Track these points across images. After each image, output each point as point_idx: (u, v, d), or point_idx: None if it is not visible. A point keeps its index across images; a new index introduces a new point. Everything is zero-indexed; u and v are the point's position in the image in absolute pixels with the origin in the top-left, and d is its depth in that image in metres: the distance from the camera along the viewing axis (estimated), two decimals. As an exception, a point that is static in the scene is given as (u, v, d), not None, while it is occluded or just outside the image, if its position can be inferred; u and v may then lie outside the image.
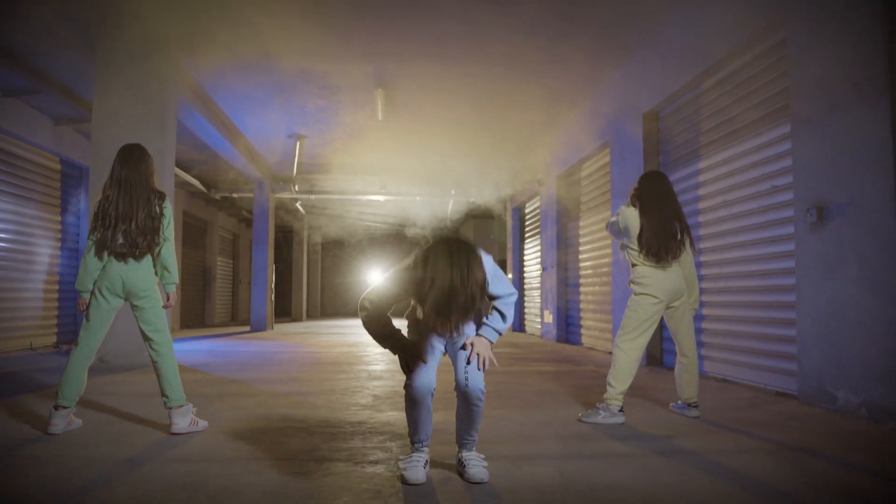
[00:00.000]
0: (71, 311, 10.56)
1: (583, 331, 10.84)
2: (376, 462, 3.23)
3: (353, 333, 14.75)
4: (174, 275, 4.11)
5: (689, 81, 6.88)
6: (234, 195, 16.02)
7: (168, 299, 4.18)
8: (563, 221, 11.73)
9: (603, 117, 9.27)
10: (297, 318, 22.35)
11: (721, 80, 6.55)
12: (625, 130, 8.46)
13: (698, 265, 6.92)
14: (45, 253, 9.90)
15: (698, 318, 6.90)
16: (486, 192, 14.89)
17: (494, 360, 2.93)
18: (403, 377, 6.55)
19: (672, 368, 7.33)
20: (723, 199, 6.52)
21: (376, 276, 5.64)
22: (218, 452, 3.40)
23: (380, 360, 8.23)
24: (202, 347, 10.36)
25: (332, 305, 28.45)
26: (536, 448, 3.54)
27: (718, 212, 6.61)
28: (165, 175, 7.79)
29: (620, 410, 4.25)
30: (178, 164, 13.08)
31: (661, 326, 7.72)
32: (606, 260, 9.57)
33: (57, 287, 10.23)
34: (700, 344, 6.88)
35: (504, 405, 4.93)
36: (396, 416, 4.46)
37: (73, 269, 10.55)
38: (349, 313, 27.21)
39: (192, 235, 17.08)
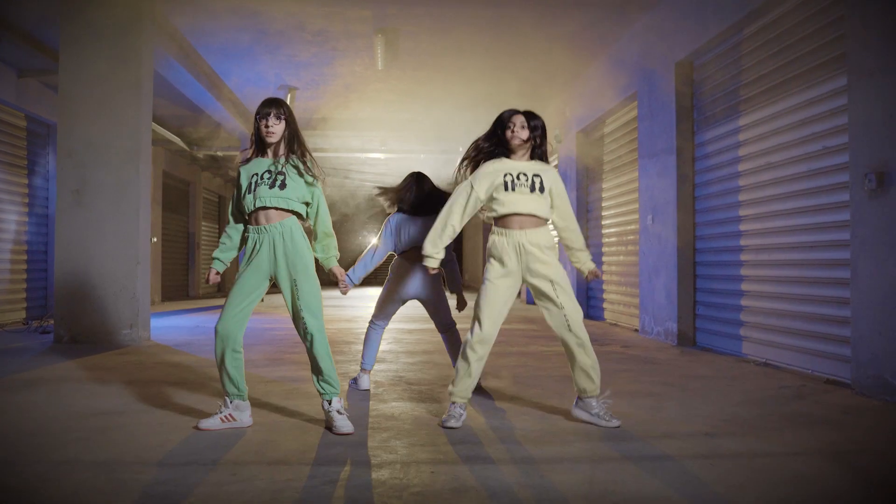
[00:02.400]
0: (42, 284, 10.46)
1: (605, 305, 10.71)
2: (380, 466, 3.11)
3: (352, 306, 14.67)
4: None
5: (730, 27, 6.61)
6: (219, 153, 15.81)
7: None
8: (583, 183, 11.51)
9: (629, 67, 9.00)
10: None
11: (766, 26, 6.29)
12: (654, 82, 8.21)
13: (738, 234, 6.74)
14: (11, 220, 9.75)
15: (736, 293, 6.75)
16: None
17: None
18: (409, 361, 6.49)
19: (708, 349, 7.19)
20: (766, 161, 6.30)
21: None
22: (200, 454, 3.28)
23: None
24: (185, 323, 10.27)
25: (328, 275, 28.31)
26: (561, 448, 3.41)
27: (761, 175, 6.40)
28: (142, 132, 7.60)
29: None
30: (158, 120, 12.86)
31: (698, 303, 7.58)
32: (633, 227, 9.39)
33: (25, 258, 10.11)
34: (738, 323, 6.73)
35: (522, 393, 4.80)
36: (401, 407, 4.34)
37: (41, 237, 10.42)
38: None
39: (174, 198, 16.91)
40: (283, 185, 3.78)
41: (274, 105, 3.85)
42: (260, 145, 3.90)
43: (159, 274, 15.19)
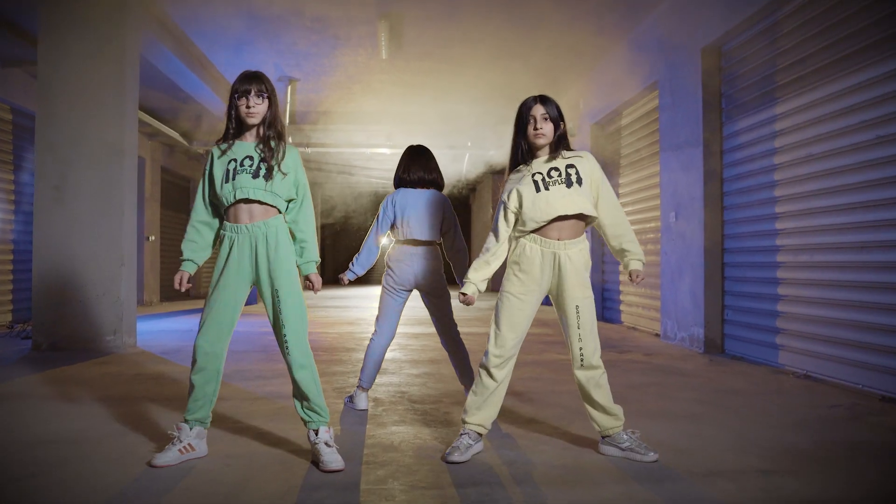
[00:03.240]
0: (28, 286, 9.95)
1: (622, 307, 10.12)
2: (373, 518, 2.56)
3: (356, 307, 14.12)
4: None
5: (763, 7, 6.03)
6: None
7: None
8: (598, 179, 10.90)
9: (650, 54, 8.40)
10: (295, 287, 21.73)
11: (806, 4, 5.70)
12: (678, 69, 7.61)
13: (774, 234, 6.15)
14: (-5, 218, 9.26)
15: (771, 298, 6.16)
16: (507, 145, 14.05)
17: None
18: (413, 372, 5.93)
19: (739, 357, 6.60)
20: (806, 152, 5.71)
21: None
22: (156, 497, 2.73)
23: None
24: (179, 326, 9.74)
25: (335, 272, 27.88)
26: (592, 492, 2.85)
27: (800, 169, 5.80)
28: (126, 124, 7.07)
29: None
30: (153, 113, 12.33)
31: (727, 307, 6.99)
32: (653, 224, 8.80)
33: (11, 257, 9.59)
34: (774, 330, 6.14)
35: (539, 414, 4.23)
36: (402, 433, 3.78)
37: (29, 236, 9.90)
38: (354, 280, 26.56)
39: (173, 195, 16.39)
40: (268, 175, 3.22)
41: (255, 80, 3.28)
42: (238, 127, 3.33)
43: (158, 274, 14.67)
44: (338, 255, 27.15)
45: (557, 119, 3.38)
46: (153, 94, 11.02)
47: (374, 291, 20.21)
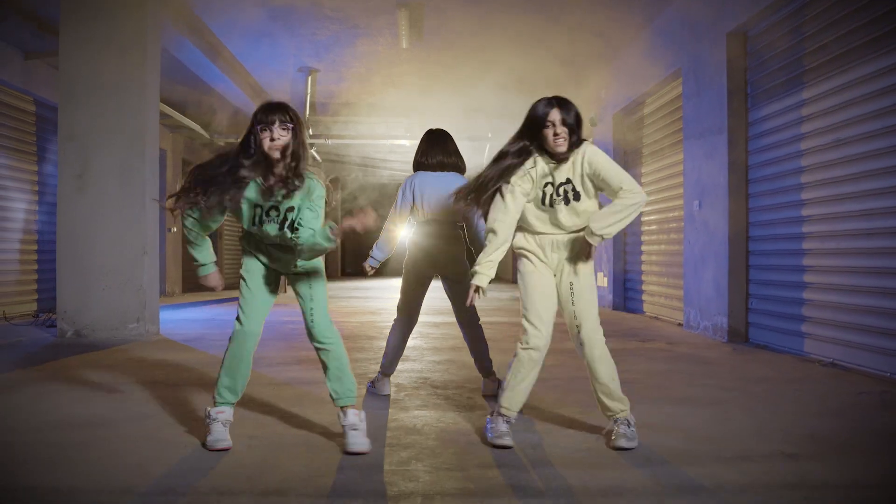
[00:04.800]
0: (53, 276, 10.05)
1: (644, 297, 10.05)
2: (397, 499, 2.55)
3: (377, 297, 14.16)
4: None
5: (791, -11, 5.95)
6: (240, 140, 15.30)
7: None
8: (621, 167, 10.80)
9: (674, 41, 8.31)
10: (315, 280, 21.79)
11: (836, -15, 5.61)
12: (702, 56, 7.52)
13: (800, 220, 6.07)
14: (20, 208, 9.34)
15: (797, 286, 6.08)
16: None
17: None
18: (434, 359, 5.93)
19: (763, 346, 6.53)
20: (835, 137, 5.61)
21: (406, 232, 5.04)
22: (181, 478, 2.74)
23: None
24: (201, 316, 9.81)
25: (354, 263, 27.95)
26: (619, 475, 2.82)
27: (828, 154, 5.71)
28: (148, 113, 7.11)
29: None
30: (174, 105, 12.40)
31: (751, 296, 6.91)
32: (676, 213, 8.72)
33: (35, 248, 9.70)
34: (800, 318, 6.07)
35: (562, 402, 4.20)
36: (425, 417, 3.77)
37: (53, 226, 10.00)
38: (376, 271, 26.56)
39: (195, 187, 16.47)
40: (294, 227, 3.12)
41: (279, 110, 3.09)
42: (258, 159, 3.12)
43: (179, 265, 14.77)
44: (361, 247, 27.05)
45: (574, 126, 3.22)
46: (174, 86, 11.07)
47: (396, 283, 20.24)
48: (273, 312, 3.85)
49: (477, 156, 16.44)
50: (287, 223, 3.13)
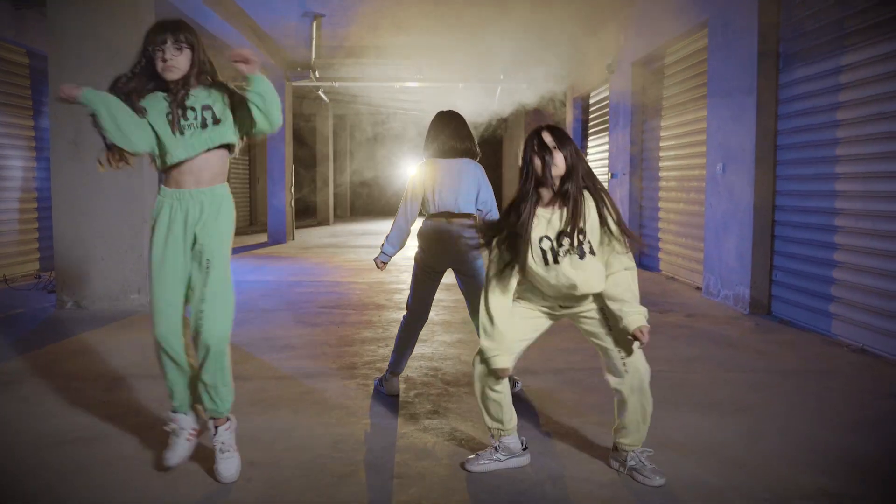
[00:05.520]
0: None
1: (661, 255, 9.78)
2: (405, 560, 2.36)
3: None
4: None
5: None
6: (243, 84, 14.89)
7: None
8: (638, 119, 10.40)
9: (700, -11, 7.81)
10: (324, 222, 21.61)
11: (884, -61, 5.14)
12: (732, 7, 7.03)
13: (833, 195, 5.74)
14: (17, 166, 9.07)
15: (826, 263, 5.79)
16: (541, 80, 13.50)
17: None
18: (446, 340, 5.71)
19: (786, 321, 6.28)
20: (878, 110, 5.22)
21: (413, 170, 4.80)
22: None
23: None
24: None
25: (363, 205, 27.65)
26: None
27: (868, 127, 5.34)
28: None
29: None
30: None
31: (775, 268, 6.63)
32: (697, 172, 8.36)
33: (35, 205, 9.47)
34: (827, 297, 5.79)
35: (581, 402, 3.98)
36: (436, 429, 3.56)
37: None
38: (382, 212, 26.37)
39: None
40: (217, 120, 2.92)
41: (170, 29, 2.88)
42: (153, 80, 2.94)
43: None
44: (365, 178, 26.61)
45: (574, 156, 2.86)
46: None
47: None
48: (278, 271, 3.61)
49: (488, 98, 15.97)
50: (209, 121, 2.91)
